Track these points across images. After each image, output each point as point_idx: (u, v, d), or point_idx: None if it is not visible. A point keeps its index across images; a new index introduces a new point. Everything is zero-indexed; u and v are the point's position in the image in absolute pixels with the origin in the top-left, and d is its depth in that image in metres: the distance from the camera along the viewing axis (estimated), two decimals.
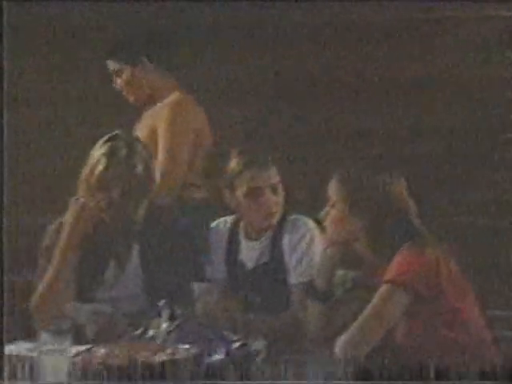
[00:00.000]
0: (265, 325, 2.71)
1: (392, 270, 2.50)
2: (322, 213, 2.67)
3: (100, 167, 2.85)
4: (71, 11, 3.74)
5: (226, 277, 2.98)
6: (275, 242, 2.94)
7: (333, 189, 2.66)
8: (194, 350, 2.31)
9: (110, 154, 2.86)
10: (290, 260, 2.91)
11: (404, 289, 2.46)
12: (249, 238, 2.99)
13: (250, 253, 2.98)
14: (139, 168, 2.88)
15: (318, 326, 2.69)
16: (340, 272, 2.73)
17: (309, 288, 2.70)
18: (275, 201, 2.90)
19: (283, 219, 2.95)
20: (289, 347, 2.59)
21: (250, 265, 2.97)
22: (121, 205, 2.85)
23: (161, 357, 2.28)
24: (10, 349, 2.53)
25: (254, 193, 2.89)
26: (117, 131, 2.96)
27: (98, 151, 2.89)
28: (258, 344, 2.46)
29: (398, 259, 2.51)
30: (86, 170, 2.89)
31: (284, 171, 2.96)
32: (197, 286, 2.81)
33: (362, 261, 2.67)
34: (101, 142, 2.92)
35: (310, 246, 2.90)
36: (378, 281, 2.60)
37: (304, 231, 2.91)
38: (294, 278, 2.90)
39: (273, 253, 2.94)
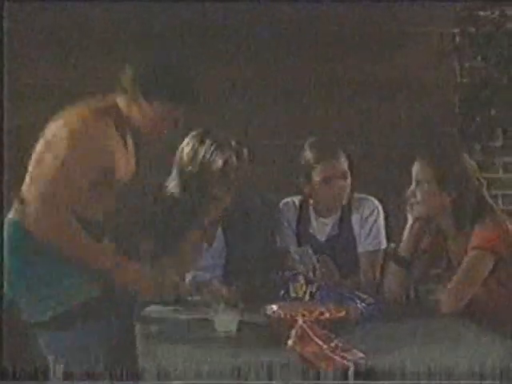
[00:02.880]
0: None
1: (479, 238, 2.87)
2: (408, 192, 2.99)
3: (219, 162, 3.02)
4: (71, 10, 3.76)
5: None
6: (344, 218, 3.24)
7: (419, 170, 2.95)
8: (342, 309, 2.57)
9: (221, 151, 3.03)
10: (359, 233, 3.23)
11: (491, 253, 2.85)
12: (319, 215, 3.27)
13: (321, 228, 3.26)
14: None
15: (394, 287, 3.04)
16: None
17: (394, 254, 3.03)
18: (345, 185, 3.19)
19: (351, 198, 3.26)
20: None
21: (321, 238, 3.26)
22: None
23: (323, 315, 2.52)
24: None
25: (328, 180, 3.17)
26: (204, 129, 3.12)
27: (203, 148, 3.04)
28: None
29: (482, 229, 2.87)
30: (194, 166, 3.03)
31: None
32: (294, 250, 3.04)
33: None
34: (196, 136, 3.07)
35: (377, 220, 3.24)
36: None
37: (372, 208, 3.24)
38: (362, 248, 3.23)
39: (342, 227, 3.24)
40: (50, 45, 3.77)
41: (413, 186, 2.97)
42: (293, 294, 2.76)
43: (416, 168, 2.97)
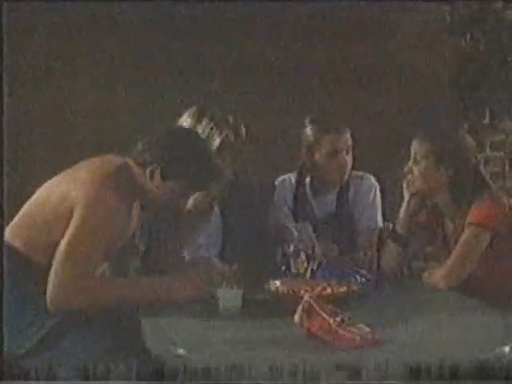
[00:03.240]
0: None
1: (475, 214, 2.89)
2: (406, 168, 3.01)
3: (217, 140, 3.00)
4: (71, 10, 3.76)
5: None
6: (342, 195, 3.26)
7: (417, 146, 2.97)
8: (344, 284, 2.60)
9: (219, 129, 3.01)
10: (357, 209, 3.25)
11: (487, 229, 2.88)
12: (316, 192, 3.28)
13: (318, 205, 3.27)
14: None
15: (392, 264, 3.07)
16: None
17: (391, 231, 3.06)
18: (349, 160, 3.22)
19: (349, 175, 3.27)
20: None
21: (319, 215, 3.27)
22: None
23: (326, 290, 2.55)
24: None
25: (334, 154, 3.19)
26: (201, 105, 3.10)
27: (201, 126, 3.01)
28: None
29: (479, 205, 2.90)
30: None
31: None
32: (293, 226, 3.05)
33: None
34: (192, 115, 3.05)
35: (374, 198, 3.26)
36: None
37: (369, 185, 3.27)
38: (361, 225, 3.25)
39: (340, 204, 3.26)
40: (49, 44, 3.79)
41: (410, 163, 2.99)
42: (294, 271, 2.77)
43: (415, 144, 2.99)
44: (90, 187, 2.48)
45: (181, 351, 2.16)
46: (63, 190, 2.52)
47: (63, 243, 2.43)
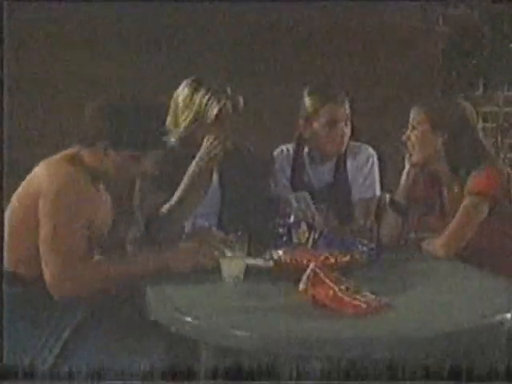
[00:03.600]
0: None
1: (475, 184, 2.91)
2: (404, 136, 3.02)
3: (215, 110, 3.00)
4: (70, 10, 3.75)
5: None
6: (340, 166, 3.27)
7: (415, 113, 2.97)
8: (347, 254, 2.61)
9: (217, 99, 3.01)
10: (355, 179, 3.26)
11: (486, 198, 2.89)
12: (314, 162, 3.29)
13: (316, 175, 3.28)
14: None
15: (391, 233, 3.09)
16: None
17: (391, 201, 3.08)
18: (347, 130, 3.22)
19: (347, 146, 3.28)
20: None
21: (316, 185, 3.28)
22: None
23: (329, 260, 2.56)
24: None
25: (332, 124, 3.19)
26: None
27: (198, 95, 3.02)
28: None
29: (478, 174, 2.91)
30: (189, 114, 3.00)
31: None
32: (292, 197, 3.05)
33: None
34: (189, 84, 3.04)
35: (372, 168, 3.27)
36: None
37: (367, 155, 3.28)
38: (358, 195, 3.26)
39: (338, 174, 3.27)
40: (49, 44, 3.77)
41: (409, 130, 3.00)
42: (295, 241, 2.78)
43: (413, 112, 3.00)
44: (52, 179, 2.52)
45: (188, 319, 2.17)
46: (32, 185, 2.57)
47: (42, 235, 2.47)
